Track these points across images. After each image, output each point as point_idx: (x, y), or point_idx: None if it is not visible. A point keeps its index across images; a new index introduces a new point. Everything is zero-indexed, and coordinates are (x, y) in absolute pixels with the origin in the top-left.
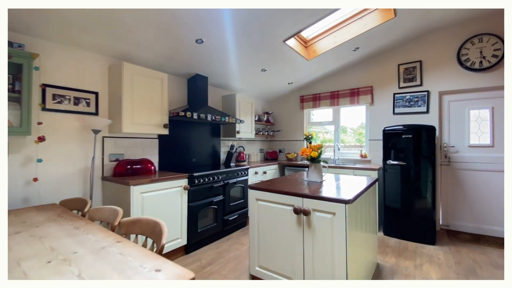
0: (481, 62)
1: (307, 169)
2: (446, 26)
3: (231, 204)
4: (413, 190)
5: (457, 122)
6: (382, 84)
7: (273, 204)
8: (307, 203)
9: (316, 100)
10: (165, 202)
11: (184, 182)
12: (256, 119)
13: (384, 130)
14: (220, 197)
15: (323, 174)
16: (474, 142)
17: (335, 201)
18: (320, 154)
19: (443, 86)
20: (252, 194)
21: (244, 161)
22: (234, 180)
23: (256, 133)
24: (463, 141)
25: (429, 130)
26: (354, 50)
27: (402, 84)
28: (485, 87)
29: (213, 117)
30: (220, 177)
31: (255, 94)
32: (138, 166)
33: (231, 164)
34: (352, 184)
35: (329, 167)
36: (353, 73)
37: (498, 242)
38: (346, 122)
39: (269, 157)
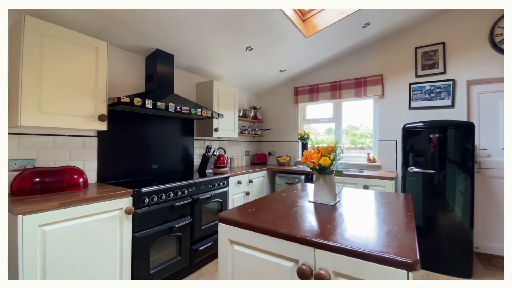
0: None
1: (303, 177)
2: None
3: (203, 227)
4: (443, 205)
5: (489, 119)
6: (395, 72)
7: (258, 253)
8: (323, 259)
9: (313, 92)
10: (91, 236)
11: (126, 202)
12: (241, 114)
13: (404, 128)
14: (187, 220)
15: (337, 192)
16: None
17: (384, 261)
18: (333, 161)
19: (472, 74)
20: (223, 231)
21: (224, 166)
22: (208, 194)
23: (240, 132)
24: (497, 143)
25: (466, 128)
26: (363, 27)
27: (420, 72)
28: None
29: (178, 107)
30: (186, 191)
31: (240, 85)
32: (54, 179)
33: (207, 171)
34: (384, 209)
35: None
36: (359, 59)
37: None
38: (347, 120)
39: (257, 161)
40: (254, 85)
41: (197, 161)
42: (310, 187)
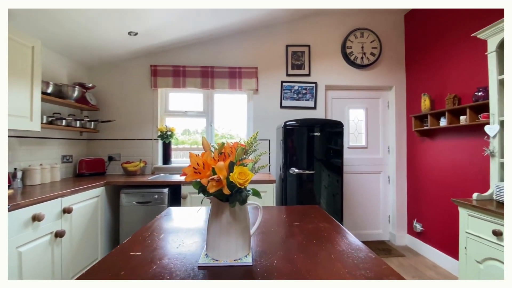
0: (362, 58)
1: (166, 191)
2: (334, 11)
3: None
4: (316, 202)
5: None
6: (269, 67)
7: None
8: None
9: (179, 76)
10: None
11: None
12: (51, 91)
13: (285, 126)
14: None
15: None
16: (352, 144)
17: None
18: (251, 170)
19: (329, 79)
20: None
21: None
22: None
23: (50, 122)
24: (344, 143)
25: (339, 127)
26: None
27: (290, 71)
28: (363, 86)
29: None
30: None
31: (53, 42)
32: None
33: None
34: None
35: None
36: (235, 45)
37: (378, 248)
38: (219, 116)
39: (87, 172)
40: (83, 50)
41: None
42: (180, 214)
